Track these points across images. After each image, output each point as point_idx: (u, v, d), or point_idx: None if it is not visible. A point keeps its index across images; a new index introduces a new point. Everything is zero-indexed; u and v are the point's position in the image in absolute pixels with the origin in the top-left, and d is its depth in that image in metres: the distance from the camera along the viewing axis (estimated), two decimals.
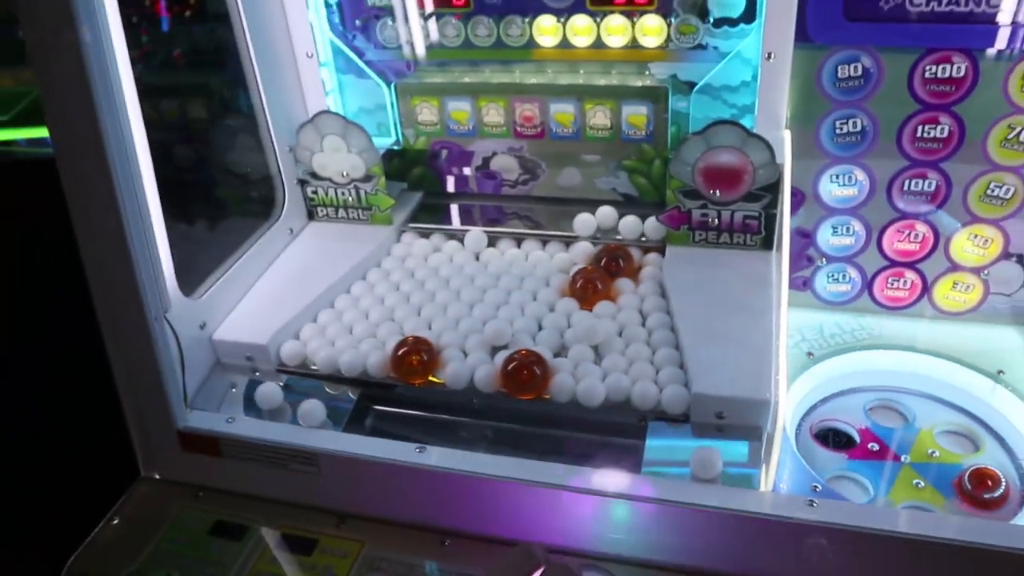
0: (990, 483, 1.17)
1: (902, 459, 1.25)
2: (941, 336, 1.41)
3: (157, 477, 1.24)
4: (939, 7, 1.22)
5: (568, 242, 1.49)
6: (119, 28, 1.05)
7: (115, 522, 1.18)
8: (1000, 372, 1.32)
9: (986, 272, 1.41)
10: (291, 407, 1.24)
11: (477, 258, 1.49)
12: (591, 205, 1.51)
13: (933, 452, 1.25)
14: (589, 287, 1.36)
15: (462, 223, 1.57)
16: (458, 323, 1.31)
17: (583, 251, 1.45)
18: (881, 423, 1.31)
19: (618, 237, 1.47)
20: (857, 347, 1.41)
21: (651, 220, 1.45)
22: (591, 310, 1.33)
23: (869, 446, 1.27)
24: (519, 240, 1.51)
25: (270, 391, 1.23)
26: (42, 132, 2.66)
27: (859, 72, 1.30)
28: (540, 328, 1.30)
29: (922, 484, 1.20)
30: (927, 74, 1.28)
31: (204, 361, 1.28)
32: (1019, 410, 1.27)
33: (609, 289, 1.37)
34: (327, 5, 1.50)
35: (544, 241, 1.50)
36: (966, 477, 1.18)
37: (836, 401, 1.37)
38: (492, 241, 1.52)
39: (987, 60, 1.25)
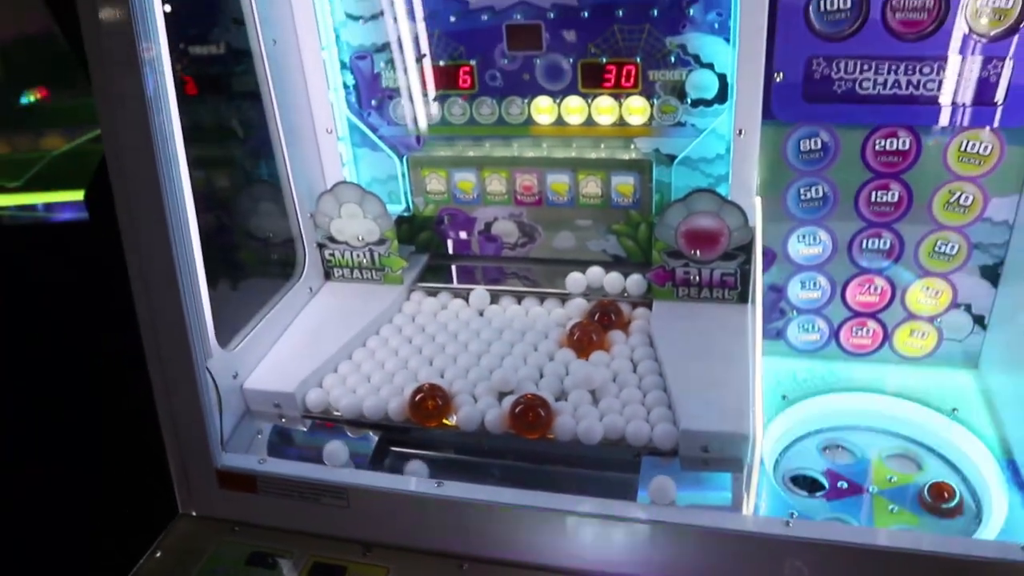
0: (946, 495, 1.32)
1: (870, 490, 1.38)
2: (902, 378, 1.56)
3: (194, 514, 1.35)
4: (884, 90, 1.39)
5: (564, 298, 1.62)
6: (175, 104, 1.20)
7: (158, 555, 1.28)
8: (954, 410, 1.47)
9: (939, 320, 1.55)
10: (318, 448, 1.36)
11: (481, 314, 1.62)
12: (584, 266, 1.64)
13: (891, 477, 1.39)
14: (585, 339, 1.48)
15: (467, 282, 1.69)
16: (467, 372, 1.44)
17: (578, 307, 1.59)
18: (837, 461, 1.44)
19: (605, 292, 1.61)
20: (827, 390, 1.55)
21: (633, 277, 1.59)
22: (587, 359, 1.46)
23: (839, 485, 1.39)
24: (519, 297, 1.64)
25: (337, 448, 1.33)
26: (43, 198, 2.79)
27: (819, 146, 1.46)
28: (541, 376, 1.42)
29: (896, 508, 1.34)
30: (877, 147, 1.44)
31: (236, 408, 1.40)
32: (972, 442, 1.41)
33: (603, 340, 1.49)
34: (345, 86, 1.65)
35: (542, 298, 1.63)
36: (925, 492, 1.33)
37: (805, 442, 1.50)
38: (494, 298, 1.64)
39: (928, 135, 1.41)
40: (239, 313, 1.48)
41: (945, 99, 1.39)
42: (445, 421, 1.36)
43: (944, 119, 1.40)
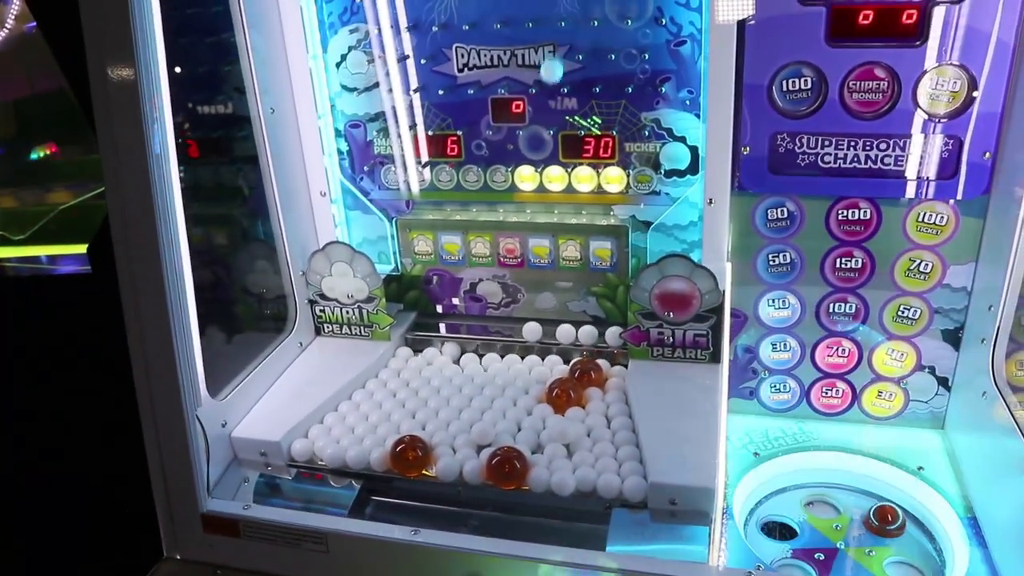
0: (890, 517, 1.42)
1: (839, 547, 1.42)
2: (870, 438, 1.61)
3: (179, 557, 1.39)
4: (844, 164, 1.48)
5: (544, 356, 1.69)
6: (175, 162, 1.28)
7: None
8: (920, 468, 1.51)
9: (905, 382, 1.61)
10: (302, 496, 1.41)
11: (464, 371, 1.68)
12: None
13: (836, 526, 1.44)
14: (563, 395, 1.53)
15: (452, 340, 1.77)
16: (448, 425, 1.49)
17: (557, 364, 1.66)
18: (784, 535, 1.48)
19: (580, 344, 1.69)
20: (798, 448, 1.60)
21: (611, 329, 1.67)
22: (564, 415, 1.52)
23: (816, 557, 1.41)
24: (502, 355, 1.71)
25: None
26: (46, 250, 2.87)
27: (785, 215, 1.54)
28: (519, 429, 1.47)
29: (872, 552, 1.39)
30: (840, 216, 1.52)
31: (223, 456, 1.44)
32: (936, 500, 1.46)
33: (580, 397, 1.55)
34: (340, 152, 1.74)
35: (523, 356, 1.70)
36: (872, 517, 1.42)
37: (776, 499, 1.55)
38: (478, 356, 1.71)
39: (887, 205, 1.50)
40: (231, 365, 1.54)
41: (903, 173, 1.47)
42: (425, 472, 1.41)
43: (901, 192, 1.48)
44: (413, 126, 1.69)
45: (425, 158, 1.71)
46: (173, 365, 1.28)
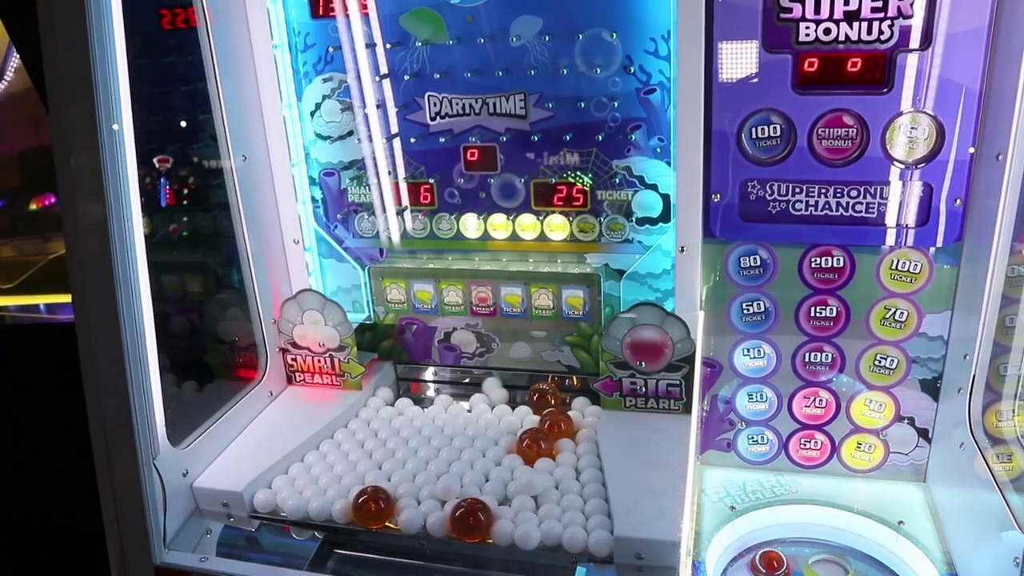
0: (776, 563, 1.40)
1: None
2: (850, 491, 1.56)
3: None
4: (816, 211, 1.47)
5: (515, 407, 1.67)
6: (138, 212, 1.28)
7: None
8: (900, 522, 1.47)
9: (884, 434, 1.57)
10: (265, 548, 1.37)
11: (435, 421, 1.64)
12: (540, 375, 1.70)
13: None
14: (533, 446, 1.51)
15: (425, 390, 1.75)
16: (415, 477, 1.46)
17: (528, 415, 1.63)
18: None
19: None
20: (776, 502, 1.55)
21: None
22: (533, 466, 1.49)
23: None
24: (473, 404, 1.68)
25: None
26: (34, 299, 2.88)
27: (758, 263, 1.52)
28: (487, 480, 1.44)
29: None
30: (813, 264, 1.50)
31: (185, 506, 1.41)
32: (916, 555, 1.41)
33: (551, 448, 1.52)
34: (313, 200, 1.74)
35: (494, 406, 1.68)
36: (757, 561, 1.40)
37: (752, 554, 1.49)
38: (450, 406, 1.68)
39: (860, 253, 1.48)
40: (198, 413, 1.52)
41: (874, 220, 1.45)
42: (389, 524, 1.38)
43: (875, 239, 1.47)
44: (387, 174, 1.69)
45: (399, 206, 1.71)
46: (128, 412, 1.26)
